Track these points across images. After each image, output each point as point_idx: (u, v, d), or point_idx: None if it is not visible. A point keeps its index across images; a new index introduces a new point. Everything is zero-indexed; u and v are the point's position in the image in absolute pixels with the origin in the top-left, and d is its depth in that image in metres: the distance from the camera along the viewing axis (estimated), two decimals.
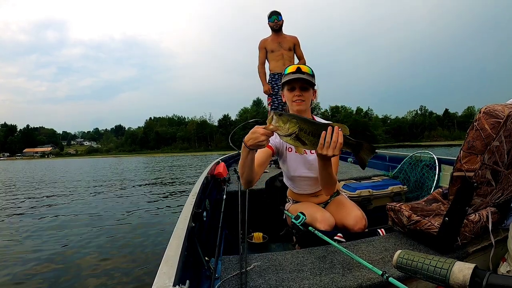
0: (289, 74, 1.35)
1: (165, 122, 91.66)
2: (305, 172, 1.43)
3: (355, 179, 2.42)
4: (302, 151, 1.07)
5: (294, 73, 1.33)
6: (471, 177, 0.94)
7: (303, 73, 1.32)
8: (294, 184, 1.53)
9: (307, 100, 1.37)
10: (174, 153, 64.42)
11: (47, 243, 3.80)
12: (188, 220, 1.04)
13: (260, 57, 3.52)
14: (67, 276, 2.72)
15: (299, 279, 0.94)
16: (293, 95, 1.36)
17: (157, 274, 0.69)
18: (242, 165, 1.15)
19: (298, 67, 1.33)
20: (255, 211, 1.79)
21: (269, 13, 3.43)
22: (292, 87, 1.36)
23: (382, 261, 1.03)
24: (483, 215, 1.15)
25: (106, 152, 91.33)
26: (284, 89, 1.40)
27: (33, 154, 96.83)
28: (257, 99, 71.57)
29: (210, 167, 2.42)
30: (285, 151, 1.43)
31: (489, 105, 0.92)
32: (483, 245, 1.12)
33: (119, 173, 15.49)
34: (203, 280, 0.97)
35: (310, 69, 1.37)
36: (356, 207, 1.45)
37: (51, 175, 15.74)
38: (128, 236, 3.92)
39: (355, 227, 1.34)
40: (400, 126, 76.06)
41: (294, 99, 1.36)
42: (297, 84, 1.34)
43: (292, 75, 1.33)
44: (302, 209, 1.37)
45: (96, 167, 22.80)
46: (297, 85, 1.35)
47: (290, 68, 1.36)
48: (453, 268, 0.69)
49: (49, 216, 5.50)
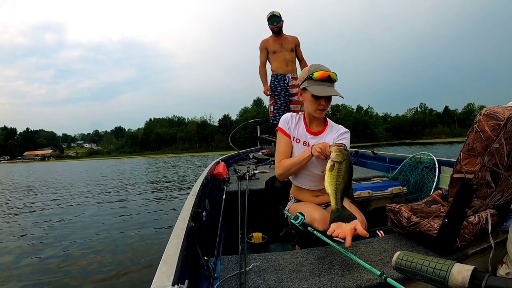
0: (318, 81, 1.30)
1: (165, 123, 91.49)
2: (307, 169, 1.43)
3: (354, 180, 2.42)
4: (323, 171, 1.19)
5: (324, 82, 1.29)
6: (471, 179, 0.94)
7: (332, 82, 1.30)
8: (295, 179, 1.53)
9: (327, 107, 1.37)
10: (175, 154, 64.40)
11: (47, 241, 3.81)
12: (187, 220, 1.04)
13: (261, 57, 3.52)
14: (66, 276, 2.72)
15: (298, 280, 0.94)
16: (319, 103, 1.33)
17: (156, 274, 0.69)
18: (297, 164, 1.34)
19: (329, 75, 1.29)
20: (254, 211, 1.79)
21: (268, 16, 3.42)
22: (320, 96, 1.31)
23: (381, 262, 1.03)
24: (482, 217, 1.15)
25: (106, 154, 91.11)
26: (307, 92, 1.34)
27: (33, 157, 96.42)
28: (258, 99, 71.48)
29: (210, 167, 2.42)
30: (293, 141, 1.44)
31: (489, 107, 0.92)
32: (482, 247, 1.12)
33: (120, 175, 15.50)
34: (202, 280, 0.97)
35: (336, 76, 1.33)
36: (356, 211, 1.42)
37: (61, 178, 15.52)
38: (128, 235, 3.92)
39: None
40: (401, 124, 75.80)
41: (319, 108, 1.34)
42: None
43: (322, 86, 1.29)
44: (302, 209, 1.37)
45: (98, 169, 22.78)
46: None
47: (320, 74, 1.29)
48: (452, 269, 0.69)
49: (52, 216, 5.51)
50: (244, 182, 2.32)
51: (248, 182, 2.28)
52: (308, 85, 1.33)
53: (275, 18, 3.37)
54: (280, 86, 3.44)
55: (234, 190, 2.09)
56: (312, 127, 1.45)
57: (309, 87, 1.32)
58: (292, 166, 1.36)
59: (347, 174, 1.13)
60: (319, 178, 1.45)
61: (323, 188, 1.46)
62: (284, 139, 1.44)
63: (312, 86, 1.31)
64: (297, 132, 1.44)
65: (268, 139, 5.49)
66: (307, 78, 1.33)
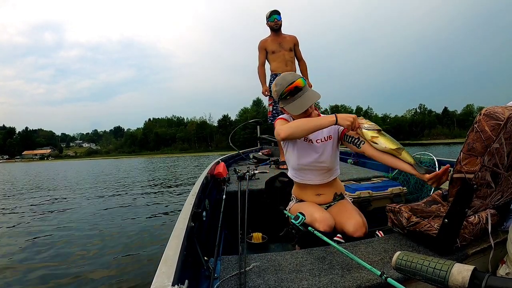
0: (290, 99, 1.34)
1: (164, 123, 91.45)
2: (312, 161, 1.43)
3: (354, 180, 2.42)
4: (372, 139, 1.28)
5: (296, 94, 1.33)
6: (471, 179, 0.94)
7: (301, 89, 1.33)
8: (299, 173, 1.52)
9: (313, 109, 1.40)
10: (174, 154, 64.38)
11: (47, 240, 3.80)
12: (187, 220, 1.04)
13: (260, 57, 3.51)
14: (66, 276, 2.71)
15: (298, 280, 0.94)
16: (304, 116, 1.36)
17: (156, 274, 0.69)
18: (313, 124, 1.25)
19: (295, 87, 1.32)
20: (254, 211, 1.79)
21: (269, 13, 3.41)
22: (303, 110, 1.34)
23: (382, 262, 1.03)
24: (482, 217, 1.15)
25: (105, 153, 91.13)
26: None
27: (32, 156, 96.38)
28: (257, 99, 71.51)
29: (210, 167, 2.42)
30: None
31: (489, 107, 0.92)
32: (482, 247, 1.12)
33: (120, 174, 15.49)
34: (202, 280, 0.97)
35: (303, 80, 1.35)
36: (358, 213, 1.43)
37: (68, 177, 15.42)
38: (128, 235, 3.92)
39: (355, 234, 1.33)
40: (400, 125, 75.88)
41: (307, 115, 1.38)
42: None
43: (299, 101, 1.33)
44: (303, 209, 1.37)
45: (97, 169, 22.74)
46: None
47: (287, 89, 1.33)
48: (452, 269, 0.69)
49: (52, 213, 5.51)
50: (244, 182, 2.32)
51: (248, 182, 2.28)
52: (284, 105, 1.37)
53: (275, 15, 3.36)
54: None
55: (234, 190, 2.09)
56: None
57: (287, 107, 1.36)
58: (309, 123, 1.26)
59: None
60: (323, 172, 1.47)
61: (326, 183, 1.50)
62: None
63: (288, 105, 1.35)
64: None
65: (268, 139, 5.50)
66: (280, 98, 1.38)
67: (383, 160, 1.29)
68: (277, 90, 1.37)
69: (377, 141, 1.27)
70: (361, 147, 1.35)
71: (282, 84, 1.35)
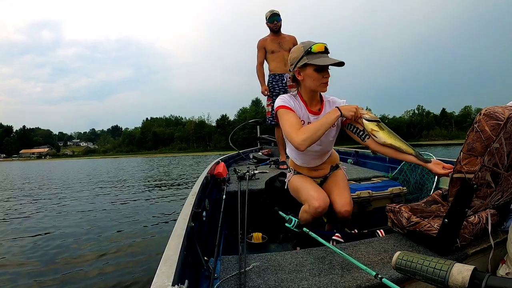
0: (318, 54, 1.29)
1: (162, 122, 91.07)
2: (313, 146, 1.41)
3: (354, 180, 2.42)
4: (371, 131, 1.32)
5: (323, 53, 1.29)
6: (471, 178, 0.94)
7: (328, 53, 1.31)
8: (298, 157, 1.56)
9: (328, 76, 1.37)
10: (173, 153, 64.25)
11: (47, 240, 3.80)
12: (187, 220, 1.04)
13: (258, 57, 3.51)
14: (65, 276, 2.71)
15: (298, 280, 0.94)
16: (322, 76, 1.31)
17: (156, 274, 0.69)
18: (325, 125, 1.27)
19: (326, 47, 1.30)
20: (254, 211, 1.79)
21: (268, 14, 3.40)
22: (321, 68, 1.30)
23: (381, 262, 1.03)
24: (482, 217, 1.15)
25: (103, 153, 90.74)
26: (307, 68, 1.32)
27: (29, 155, 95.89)
28: (256, 99, 71.31)
29: (210, 167, 2.42)
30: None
31: (489, 107, 0.92)
32: (482, 247, 1.12)
33: (118, 174, 15.48)
34: (202, 280, 0.97)
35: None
36: (347, 192, 1.53)
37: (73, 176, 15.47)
38: (127, 235, 3.92)
39: (341, 210, 1.45)
40: (398, 126, 75.81)
41: (324, 81, 1.33)
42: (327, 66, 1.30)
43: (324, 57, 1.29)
44: (301, 186, 1.50)
45: (97, 168, 22.71)
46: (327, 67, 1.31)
47: (318, 46, 1.29)
48: (452, 269, 0.69)
49: (52, 213, 5.50)
50: (244, 182, 2.32)
51: (248, 182, 2.27)
52: (309, 59, 1.29)
53: (275, 17, 3.36)
54: (278, 86, 3.43)
55: (234, 190, 2.09)
56: (312, 107, 1.45)
57: (312, 60, 1.29)
58: (320, 127, 1.26)
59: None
60: (321, 155, 1.54)
61: (323, 163, 1.58)
62: (292, 113, 1.36)
63: (314, 59, 1.29)
64: (301, 112, 1.42)
65: (268, 139, 5.50)
66: (306, 53, 1.30)
67: (386, 153, 1.35)
68: (305, 45, 1.32)
69: (377, 134, 1.31)
70: (366, 141, 1.38)
71: (312, 42, 1.32)
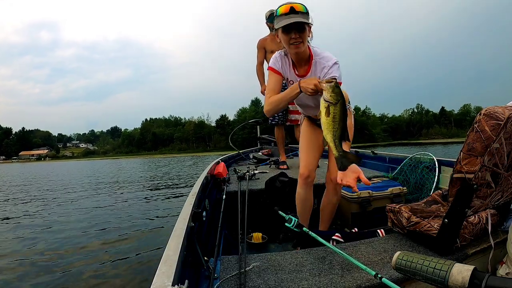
0: (282, 16, 1.27)
1: (162, 123, 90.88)
2: (306, 102, 1.54)
3: None
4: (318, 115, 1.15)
5: (288, 15, 1.25)
6: (471, 179, 0.94)
7: (297, 13, 1.25)
8: (299, 107, 1.67)
9: (304, 40, 1.32)
10: (173, 154, 64.19)
11: (47, 240, 3.80)
12: (187, 220, 1.04)
13: (258, 56, 3.50)
14: (65, 276, 2.71)
15: (298, 280, 0.94)
16: (289, 37, 1.29)
17: (156, 274, 0.69)
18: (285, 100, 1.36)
19: (291, 7, 1.25)
20: (254, 211, 1.79)
21: (268, 13, 3.39)
22: (287, 29, 1.28)
23: (381, 262, 1.03)
24: (482, 217, 1.15)
25: (103, 154, 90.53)
26: (279, 31, 1.32)
27: (29, 157, 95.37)
28: (256, 99, 71.22)
29: (210, 167, 2.41)
30: (288, 83, 1.48)
31: (490, 107, 0.92)
32: (482, 247, 1.12)
33: (118, 175, 15.48)
34: (202, 280, 0.97)
35: (304, 7, 1.28)
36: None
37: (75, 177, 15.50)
38: (127, 235, 3.91)
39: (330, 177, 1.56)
40: (398, 125, 75.96)
41: (291, 42, 1.30)
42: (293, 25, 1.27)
43: (286, 18, 1.25)
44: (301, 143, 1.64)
45: (98, 170, 22.69)
46: (293, 26, 1.27)
47: (283, 8, 1.27)
48: (452, 269, 0.69)
49: (51, 213, 5.50)
50: (244, 182, 2.32)
51: (248, 182, 2.27)
52: (276, 23, 1.33)
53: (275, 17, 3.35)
54: None
55: (234, 190, 2.09)
56: (301, 67, 1.45)
57: (277, 24, 1.32)
58: (281, 101, 1.38)
59: (342, 117, 1.08)
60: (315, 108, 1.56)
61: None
62: (275, 77, 1.46)
63: (279, 21, 1.30)
64: (289, 74, 1.47)
65: (268, 139, 5.50)
66: (276, 17, 1.33)
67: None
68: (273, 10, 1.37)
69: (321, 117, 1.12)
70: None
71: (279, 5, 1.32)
